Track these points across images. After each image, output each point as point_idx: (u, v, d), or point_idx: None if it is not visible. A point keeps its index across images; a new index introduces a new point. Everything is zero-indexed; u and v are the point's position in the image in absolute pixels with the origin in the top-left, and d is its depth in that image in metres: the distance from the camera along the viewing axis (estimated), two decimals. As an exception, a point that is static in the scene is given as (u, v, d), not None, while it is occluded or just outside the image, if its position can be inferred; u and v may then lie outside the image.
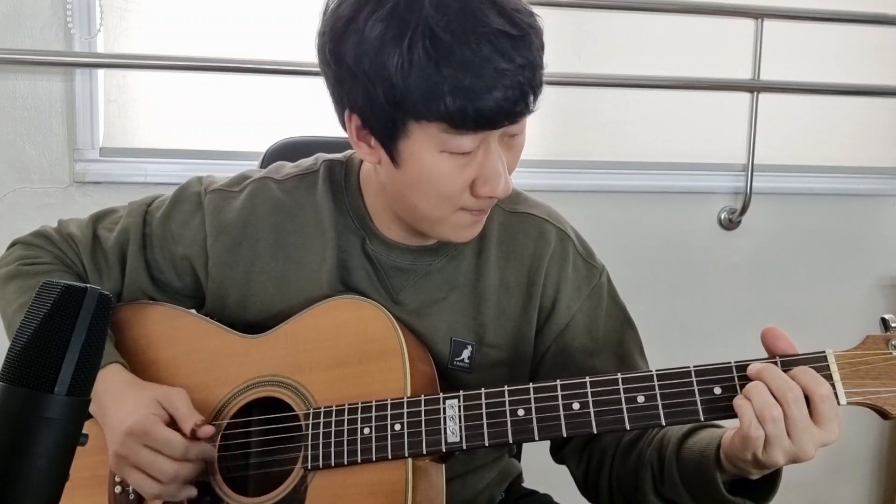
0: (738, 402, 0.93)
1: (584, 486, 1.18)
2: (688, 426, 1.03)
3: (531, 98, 0.96)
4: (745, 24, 2.29)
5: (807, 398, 0.91)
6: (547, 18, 1.00)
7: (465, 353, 1.15)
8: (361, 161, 1.18)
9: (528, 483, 1.38)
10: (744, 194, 2.34)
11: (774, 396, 0.91)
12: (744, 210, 2.34)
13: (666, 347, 2.37)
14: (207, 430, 1.11)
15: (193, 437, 1.10)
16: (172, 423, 1.11)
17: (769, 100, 2.32)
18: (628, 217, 2.32)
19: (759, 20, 2.27)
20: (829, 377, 0.94)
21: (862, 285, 2.52)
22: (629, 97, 2.28)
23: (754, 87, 2.31)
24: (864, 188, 2.47)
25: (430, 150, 0.98)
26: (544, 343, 1.18)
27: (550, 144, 2.23)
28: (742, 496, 0.99)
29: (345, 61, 0.97)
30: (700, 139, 2.35)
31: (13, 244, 1.26)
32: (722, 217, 2.38)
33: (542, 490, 1.36)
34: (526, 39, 0.94)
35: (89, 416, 1.12)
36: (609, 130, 2.29)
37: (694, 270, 2.39)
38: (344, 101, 1.02)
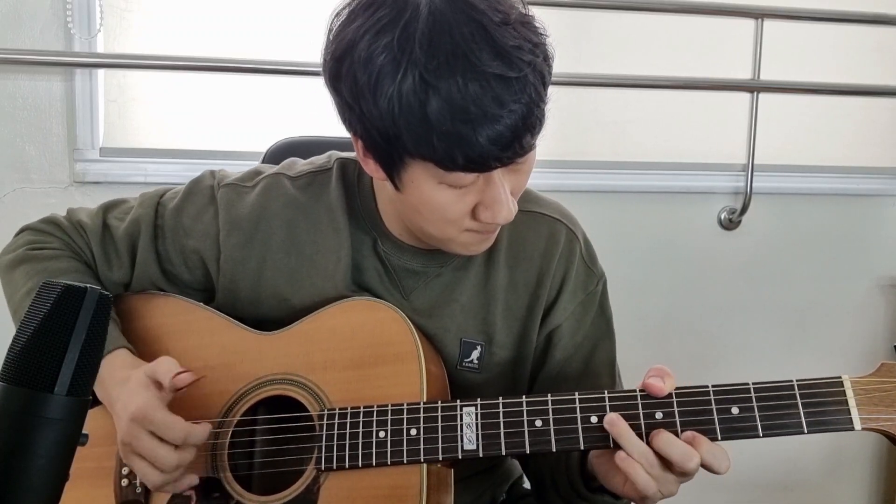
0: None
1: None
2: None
3: (527, 138, 0.94)
4: (745, 24, 2.29)
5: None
6: (547, 18, 0.99)
7: (475, 354, 1.16)
8: None
9: (529, 484, 1.38)
10: (744, 194, 2.34)
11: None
12: (744, 210, 2.35)
13: (665, 347, 2.38)
14: (185, 377, 1.07)
15: (175, 389, 1.07)
16: (187, 409, 1.10)
17: (769, 100, 2.33)
18: (628, 217, 2.32)
19: (759, 20, 2.27)
20: (844, 402, 0.97)
21: (862, 285, 2.52)
22: (629, 97, 2.28)
23: (754, 87, 2.31)
24: (864, 188, 2.47)
25: (428, 181, 0.98)
26: (537, 340, 1.18)
27: (550, 144, 2.21)
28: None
29: (343, 94, 0.97)
30: (700, 139, 2.35)
31: (22, 230, 1.26)
32: (722, 217, 2.38)
33: (542, 490, 1.36)
34: (522, 80, 0.91)
35: (94, 405, 1.12)
36: (609, 130, 2.29)
37: (694, 270, 2.39)
38: (347, 125, 1.02)
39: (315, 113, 1.02)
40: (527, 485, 1.37)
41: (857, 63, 2.38)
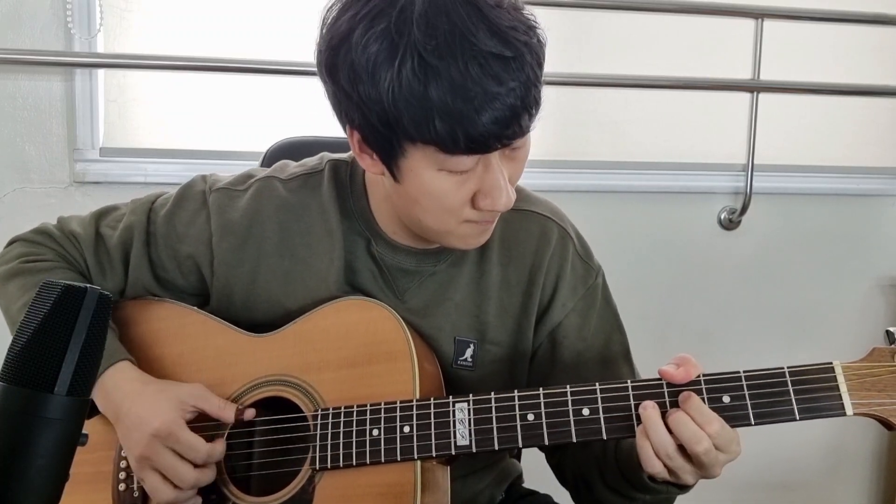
0: (638, 439, 0.98)
1: (551, 464, 1.22)
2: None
3: (525, 118, 0.95)
4: (745, 24, 2.29)
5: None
6: (547, 18, 1.00)
7: (468, 352, 1.16)
8: None
9: (528, 483, 1.38)
10: (744, 194, 2.34)
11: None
12: (744, 210, 2.35)
13: (666, 347, 2.37)
14: (250, 412, 1.12)
15: (239, 421, 1.12)
16: (195, 424, 1.11)
17: (769, 100, 2.33)
18: (628, 217, 2.32)
19: (759, 20, 2.27)
20: (836, 388, 0.96)
21: (862, 285, 2.52)
22: (629, 97, 2.28)
23: (754, 87, 2.31)
24: (864, 188, 2.47)
25: (428, 168, 0.98)
26: (537, 339, 1.18)
27: (550, 144, 2.23)
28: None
29: (340, 83, 0.97)
30: (700, 139, 2.35)
31: (12, 241, 1.26)
32: (722, 217, 2.38)
33: (541, 490, 1.36)
34: (519, 60, 0.92)
35: (93, 414, 1.12)
36: (609, 130, 2.29)
37: (694, 270, 2.39)
38: (343, 117, 1.02)
39: (314, 113, 1.03)
40: (526, 484, 1.37)
41: (857, 63, 2.38)
